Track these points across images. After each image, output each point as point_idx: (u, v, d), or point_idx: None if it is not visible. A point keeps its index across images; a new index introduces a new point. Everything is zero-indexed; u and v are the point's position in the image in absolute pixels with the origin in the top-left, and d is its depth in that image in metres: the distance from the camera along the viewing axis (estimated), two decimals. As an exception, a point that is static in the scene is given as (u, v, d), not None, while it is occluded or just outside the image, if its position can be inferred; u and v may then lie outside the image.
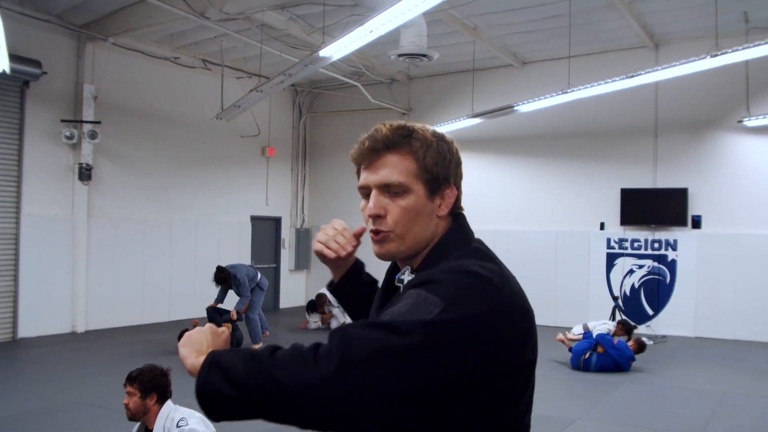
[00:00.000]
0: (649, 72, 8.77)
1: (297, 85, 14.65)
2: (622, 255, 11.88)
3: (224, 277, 9.52)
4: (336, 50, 8.22)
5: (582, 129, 12.18)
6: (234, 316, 9.52)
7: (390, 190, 1.44)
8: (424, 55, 8.46)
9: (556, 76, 10.80)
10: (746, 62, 9.70)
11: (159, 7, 9.44)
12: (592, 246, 12.07)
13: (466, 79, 12.85)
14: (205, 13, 9.59)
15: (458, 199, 1.53)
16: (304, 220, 15.34)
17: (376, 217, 1.44)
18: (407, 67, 13.06)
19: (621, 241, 11.89)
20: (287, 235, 15.06)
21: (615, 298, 11.11)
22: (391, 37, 8.66)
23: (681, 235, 11.45)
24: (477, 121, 11.47)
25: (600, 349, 8.50)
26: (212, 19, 9.75)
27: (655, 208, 11.48)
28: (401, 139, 1.45)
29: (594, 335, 8.82)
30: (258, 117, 13.52)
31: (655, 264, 11.64)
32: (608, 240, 12.00)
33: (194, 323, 9.58)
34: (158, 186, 12.24)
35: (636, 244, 11.78)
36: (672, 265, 11.53)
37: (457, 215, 1.54)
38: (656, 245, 11.63)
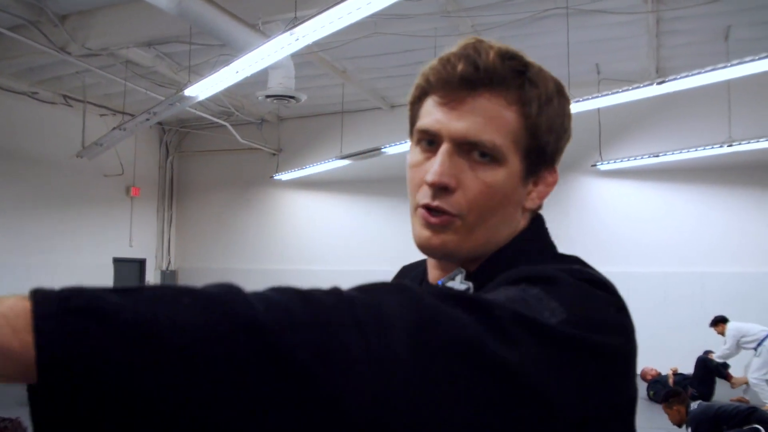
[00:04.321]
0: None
1: (164, 123, 14.36)
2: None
3: None
4: (202, 90, 8.13)
5: (448, 171, 12.51)
6: None
7: (473, 152, 0.93)
8: (292, 97, 8.51)
9: (422, 120, 11.07)
10: (598, 110, 10.30)
11: (16, 39, 9.05)
12: (458, 285, 12.29)
13: (336, 120, 12.99)
14: (66, 48, 9.27)
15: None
16: (170, 261, 14.93)
17: (442, 189, 0.92)
18: (277, 108, 13.07)
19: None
20: (152, 277, 14.60)
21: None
22: (261, 78, 8.66)
23: (542, 273, 11.87)
24: (346, 162, 11.60)
25: None
26: (74, 54, 9.43)
27: (517, 247, 11.88)
28: (513, 77, 0.93)
29: None
30: (122, 156, 13.13)
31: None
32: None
33: None
34: (13, 227, 11.60)
35: (499, 283, 12.09)
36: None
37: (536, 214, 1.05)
38: (519, 284, 12.00)
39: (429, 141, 0.96)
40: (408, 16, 8.54)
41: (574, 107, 8.24)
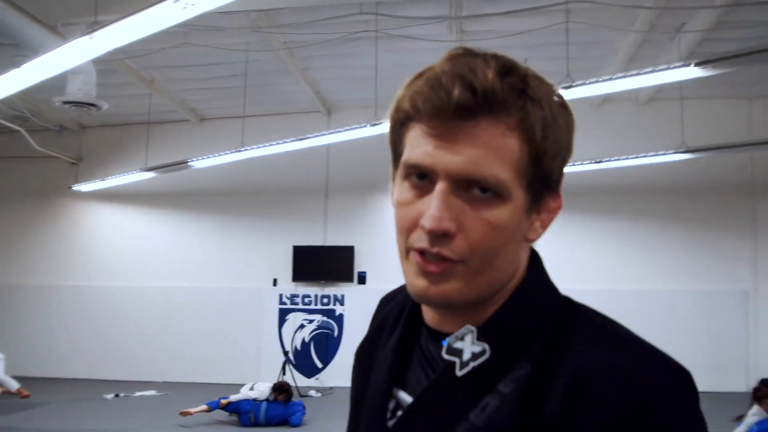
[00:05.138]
0: (317, 136, 9.28)
1: (-51, 126, 13.19)
2: (294, 310, 12.22)
3: None
4: (-9, 91, 7.56)
5: (257, 187, 12.46)
6: None
7: (473, 189, 0.82)
8: (93, 105, 8.11)
9: (232, 134, 10.96)
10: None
11: None
12: (265, 302, 12.28)
13: (142, 131, 12.54)
14: None
15: None
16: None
17: (441, 236, 0.82)
18: (78, 115, 12.42)
19: (293, 297, 12.24)
20: (-70, 293, 13.30)
21: (286, 353, 11.34)
22: (61, 82, 8.20)
23: (348, 290, 12.11)
24: (151, 174, 11.21)
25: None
26: None
27: (325, 264, 12.05)
28: (514, 98, 0.81)
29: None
30: None
31: (325, 318, 12.15)
32: (280, 296, 12.28)
33: None
34: None
35: (307, 300, 12.20)
36: (339, 319, 12.12)
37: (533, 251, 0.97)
38: (325, 300, 12.16)
39: (419, 175, 0.85)
40: (219, 29, 8.44)
41: (379, 128, 8.50)
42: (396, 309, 1.05)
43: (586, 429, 0.75)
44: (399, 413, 0.92)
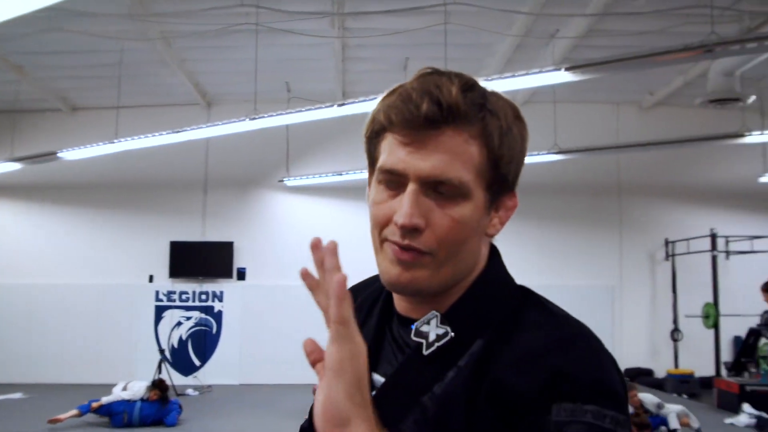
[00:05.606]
0: (194, 129, 9.04)
1: None
2: (171, 307, 11.93)
3: None
4: None
5: (132, 180, 12.07)
6: None
7: (440, 189, 0.94)
8: (-49, 90, 7.63)
9: (105, 125, 10.54)
10: (287, 127, 10.57)
11: None
12: (140, 299, 11.92)
13: (7, 119, 11.89)
14: None
15: None
16: None
17: (411, 230, 0.94)
18: (-64, 101, 11.66)
19: (170, 294, 11.94)
20: None
21: (161, 351, 11.04)
22: None
23: (227, 286, 11.94)
24: (17, 166, 10.63)
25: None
26: None
27: (203, 260, 11.83)
28: (474, 111, 0.94)
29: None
30: None
31: (203, 315, 11.94)
32: (157, 293, 11.95)
33: None
34: None
35: (184, 296, 11.94)
36: (218, 316, 11.94)
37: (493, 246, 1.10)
38: (204, 297, 11.94)
39: (390, 180, 0.97)
40: (92, 15, 8.10)
41: (259, 123, 8.40)
42: (369, 300, 1.16)
43: (535, 384, 0.87)
44: (372, 393, 0.99)
